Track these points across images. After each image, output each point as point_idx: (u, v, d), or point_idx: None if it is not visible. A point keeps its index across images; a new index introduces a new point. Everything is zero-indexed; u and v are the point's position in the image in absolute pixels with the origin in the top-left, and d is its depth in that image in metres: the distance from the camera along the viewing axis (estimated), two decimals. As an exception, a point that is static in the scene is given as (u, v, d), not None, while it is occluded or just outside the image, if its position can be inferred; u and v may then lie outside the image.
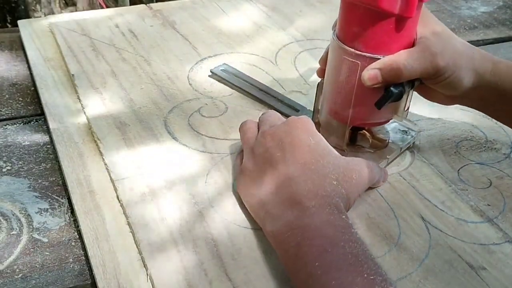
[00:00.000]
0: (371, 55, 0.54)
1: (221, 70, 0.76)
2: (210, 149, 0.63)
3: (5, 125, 0.67)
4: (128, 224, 0.53)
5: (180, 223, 0.53)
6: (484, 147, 0.66)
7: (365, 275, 0.42)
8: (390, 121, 0.62)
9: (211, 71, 0.76)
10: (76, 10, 1.92)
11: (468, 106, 0.63)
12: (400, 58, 0.54)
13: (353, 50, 0.55)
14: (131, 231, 0.52)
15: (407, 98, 0.58)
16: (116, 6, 1.76)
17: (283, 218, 0.49)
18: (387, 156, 0.61)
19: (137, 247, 0.51)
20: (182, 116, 0.68)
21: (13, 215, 0.55)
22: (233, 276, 0.48)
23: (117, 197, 0.56)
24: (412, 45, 0.55)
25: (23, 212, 0.55)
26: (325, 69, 0.61)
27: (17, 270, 0.49)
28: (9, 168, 0.60)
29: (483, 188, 0.60)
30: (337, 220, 0.48)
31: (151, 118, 0.67)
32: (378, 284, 0.42)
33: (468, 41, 0.60)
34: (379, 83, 0.54)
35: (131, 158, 0.61)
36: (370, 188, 0.57)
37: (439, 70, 0.55)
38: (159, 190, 0.57)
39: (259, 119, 0.59)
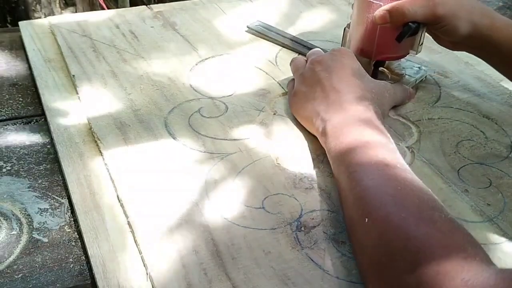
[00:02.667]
0: None
1: (256, 25, 0.88)
2: (210, 149, 0.63)
3: (5, 125, 0.67)
4: (128, 223, 0.53)
5: (180, 223, 0.53)
6: (484, 147, 0.66)
7: (388, 158, 0.52)
8: (406, 59, 0.77)
9: (247, 27, 0.88)
10: (76, 11, 1.92)
11: (470, 53, 0.74)
12: (406, 4, 0.66)
13: None
14: (131, 231, 0.52)
15: (421, 35, 0.71)
16: (117, 7, 1.77)
17: (332, 119, 0.59)
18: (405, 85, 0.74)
19: (137, 246, 0.51)
20: (182, 116, 0.68)
21: (13, 215, 0.55)
22: (232, 276, 0.48)
23: (117, 197, 0.56)
24: None
25: (23, 212, 0.55)
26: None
27: (17, 270, 0.49)
28: (9, 168, 0.60)
29: (483, 188, 0.60)
30: (371, 117, 0.59)
31: (151, 119, 0.67)
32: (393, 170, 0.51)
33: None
34: (387, 22, 0.67)
35: (131, 158, 0.61)
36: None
37: (438, 18, 0.67)
38: (159, 190, 0.57)
39: (307, 55, 0.71)
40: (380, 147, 0.54)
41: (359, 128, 0.57)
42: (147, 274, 0.48)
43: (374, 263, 0.46)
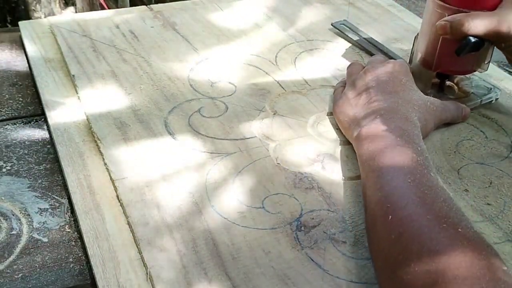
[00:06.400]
0: (455, 7, 0.65)
1: (340, 24, 0.89)
2: (210, 149, 0.63)
3: (5, 125, 0.67)
4: (128, 223, 0.53)
5: (180, 223, 0.53)
6: (484, 147, 0.66)
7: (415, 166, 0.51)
8: (479, 78, 0.74)
9: (332, 25, 0.89)
10: (76, 11, 1.92)
11: None
12: (468, 17, 0.63)
13: (442, 3, 0.66)
14: (131, 231, 0.52)
15: (488, 52, 0.67)
16: (117, 6, 1.77)
17: (368, 125, 0.59)
18: (467, 104, 0.71)
19: (137, 246, 0.51)
20: (182, 116, 0.68)
21: (13, 215, 0.55)
22: (232, 276, 0.48)
23: (117, 197, 0.56)
24: (496, 6, 0.64)
25: (23, 212, 0.55)
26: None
27: (17, 270, 0.50)
28: (9, 168, 0.60)
29: (483, 187, 0.60)
30: (407, 127, 0.58)
31: (151, 118, 0.67)
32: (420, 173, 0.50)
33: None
34: (447, 34, 0.65)
35: (131, 158, 0.61)
36: (449, 124, 0.68)
37: (502, 36, 0.63)
38: (159, 190, 0.57)
39: (367, 61, 0.71)
40: (412, 154, 0.53)
41: (393, 135, 0.56)
42: (147, 274, 0.48)
43: (389, 262, 0.45)
